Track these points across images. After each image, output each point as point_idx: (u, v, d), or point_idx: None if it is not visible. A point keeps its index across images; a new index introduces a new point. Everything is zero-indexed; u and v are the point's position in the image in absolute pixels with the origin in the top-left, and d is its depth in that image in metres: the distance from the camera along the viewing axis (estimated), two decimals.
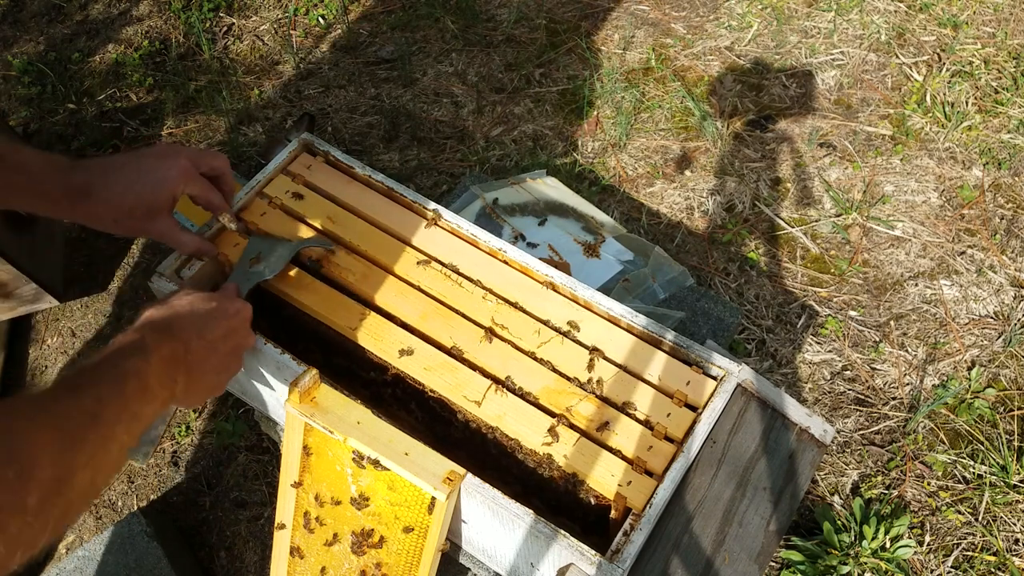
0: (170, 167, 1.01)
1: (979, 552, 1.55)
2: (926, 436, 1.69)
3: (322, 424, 0.97)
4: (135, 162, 1.00)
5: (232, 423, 1.73)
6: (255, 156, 2.14)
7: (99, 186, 0.97)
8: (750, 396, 1.21)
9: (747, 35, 2.36)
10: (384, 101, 2.26)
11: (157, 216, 1.02)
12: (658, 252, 1.71)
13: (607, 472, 0.98)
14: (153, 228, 1.04)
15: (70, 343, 1.90)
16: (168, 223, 1.04)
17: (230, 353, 0.94)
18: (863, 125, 2.17)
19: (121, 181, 0.99)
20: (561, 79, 2.28)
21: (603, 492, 0.99)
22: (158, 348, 0.83)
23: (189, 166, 1.04)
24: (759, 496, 1.14)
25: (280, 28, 2.46)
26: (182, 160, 1.03)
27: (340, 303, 1.12)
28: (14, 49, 2.44)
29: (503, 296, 1.14)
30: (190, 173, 1.04)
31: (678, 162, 2.11)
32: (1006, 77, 2.23)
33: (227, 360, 0.94)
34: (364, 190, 1.25)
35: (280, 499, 1.08)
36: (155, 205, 1.01)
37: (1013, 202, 2.01)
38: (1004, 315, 1.84)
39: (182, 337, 0.87)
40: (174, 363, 0.85)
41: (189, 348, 0.87)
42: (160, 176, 1.01)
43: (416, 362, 1.07)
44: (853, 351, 1.80)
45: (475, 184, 1.81)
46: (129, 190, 0.99)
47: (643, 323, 1.10)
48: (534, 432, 1.01)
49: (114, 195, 0.98)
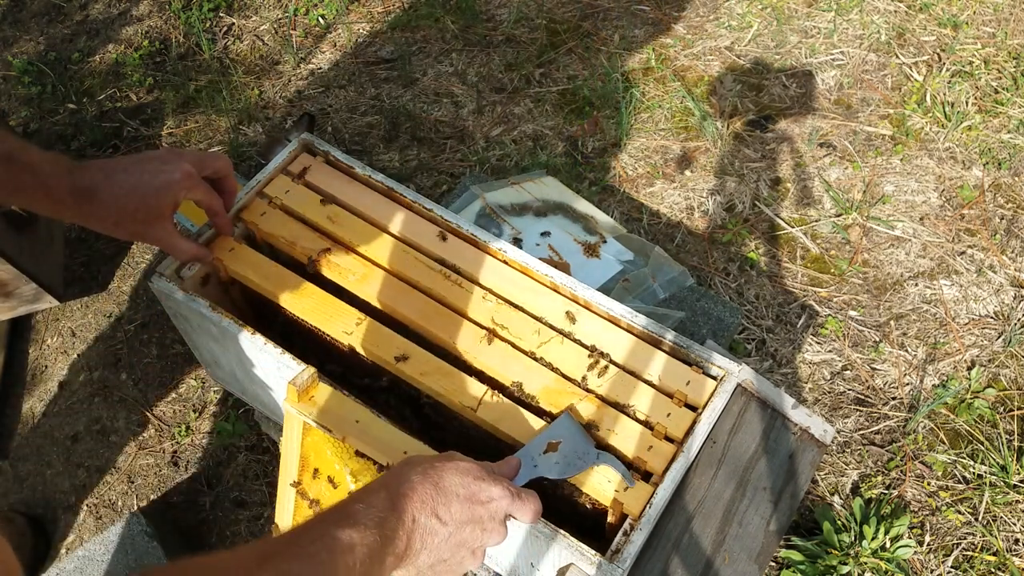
0: (173, 172, 1.02)
1: (979, 552, 1.55)
2: (926, 436, 1.69)
3: (321, 423, 0.97)
4: (139, 165, 1.01)
5: (232, 423, 1.73)
6: (255, 156, 2.14)
7: (103, 188, 0.98)
8: (750, 396, 1.21)
9: (747, 35, 2.36)
10: (384, 101, 2.26)
11: (157, 221, 1.02)
12: (658, 252, 1.71)
13: (603, 478, 0.98)
14: (152, 233, 1.04)
15: (70, 343, 1.90)
16: (167, 229, 1.05)
17: (463, 547, 0.80)
18: (863, 125, 2.16)
19: (125, 184, 0.99)
20: (561, 79, 2.28)
21: (599, 498, 0.99)
22: (383, 525, 0.74)
23: (193, 172, 1.04)
24: (759, 496, 1.14)
25: (280, 28, 2.46)
26: (185, 165, 1.03)
27: (336, 309, 1.12)
28: (14, 49, 2.44)
29: (503, 296, 1.14)
30: (193, 179, 1.04)
31: (678, 162, 2.11)
32: (1006, 77, 2.23)
33: (459, 556, 0.80)
34: (364, 190, 1.25)
35: (279, 499, 1.08)
36: (157, 210, 1.01)
37: (1013, 202, 2.01)
38: (1004, 315, 1.84)
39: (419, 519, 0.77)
40: (392, 545, 0.74)
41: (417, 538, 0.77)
42: (164, 181, 1.01)
43: (412, 367, 1.07)
44: (853, 351, 1.80)
45: (475, 184, 1.81)
46: (133, 193, 0.99)
47: (643, 323, 1.10)
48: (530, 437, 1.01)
49: (118, 197, 0.98)
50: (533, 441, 0.97)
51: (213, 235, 1.18)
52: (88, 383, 1.84)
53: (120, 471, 1.73)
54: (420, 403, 1.09)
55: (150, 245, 1.50)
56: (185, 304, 1.13)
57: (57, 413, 1.81)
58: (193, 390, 1.81)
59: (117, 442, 1.76)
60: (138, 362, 1.86)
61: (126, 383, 1.83)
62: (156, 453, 1.74)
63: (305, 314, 1.12)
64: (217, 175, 1.10)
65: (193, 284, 1.18)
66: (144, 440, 1.76)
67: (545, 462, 0.94)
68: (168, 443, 1.75)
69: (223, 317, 1.11)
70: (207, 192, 1.08)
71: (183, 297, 1.13)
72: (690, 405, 1.05)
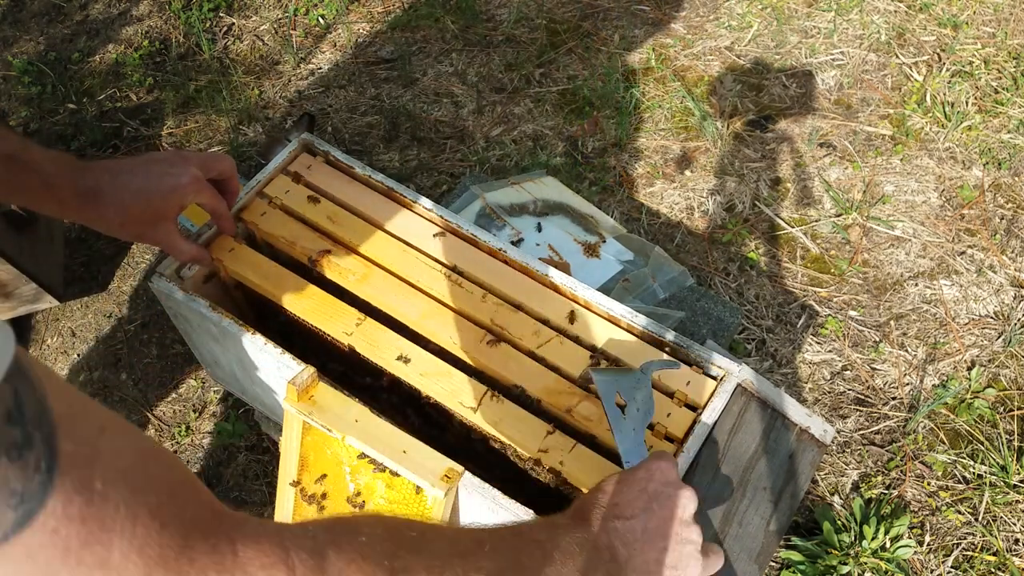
0: (181, 176, 1.01)
1: (979, 552, 1.55)
2: (926, 436, 1.69)
3: (320, 422, 0.97)
4: (145, 167, 1.00)
5: (232, 423, 1.73)
6: (255, 156, 2.14)
7: (109, 190, 0.97)
8: (750, 396, 1.21)
9: (747, 35, 2.36)
10: (384, 101, 2.26)
11: (161, 223, 1.02)
12: (658, 252, 1.71)
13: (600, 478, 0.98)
14: (155, 235, 1.04)
15: (70, 343, 1.90)
16: (170, 230, 1.05)
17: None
18: (863, 125, 2.16)
19: (131, 186, 0.98)
20: (561, 79, 2.28)
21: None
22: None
23: (200, 176, 1.04)
24: (759, 496, 1.14)
25: (280, 28, 2.46)
26: (193, 169, 1.03)
27: (336, 310, 1.12)
28: (14, 49, 2.44)
29: (503, 296, 1.14)
30: (200, 183, 1.04)
31: (678, 162, 2.11)
32: (1006, 77, 2.23)
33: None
34: (364, 190, 1.25)
35: (279, 498, 1.08)
36: (163, 212, 1.01)
37: (1013, 202, 2.01)
38: (1004, 315, 1.84)
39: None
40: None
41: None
42: (171, 184, 1.01)
43: (413, 368, 1.07)
44: (853, 351, 1.80)
45: (475, 184, 1.81)
46: (139, 196, 0.99)
47: (643, 323, 1.10)
48: (530, 438, 1.01)
49: (123, 200, 0.98)
50: (612, 420, 0.93)
51: (213, 235, 1.18)
52: (88, 383, 1.84)
53: None
54: (421, 402, 1.09)
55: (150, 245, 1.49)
56: (185, 304, 1.13)
57: None
58: (193, 390, 1.81)
59: None
60: (138, 362, 1.86)
61: (126, 383, 1.83)
62: None
63: (305, 314, 1.12)
64: (222, 176, 1.10)
65: (194, 284, 1.18)
66: None
67: (635, 417, 0.93)
68: (168, 443, 1.75)
69: (223, 317, 1.11)
70: (213, 196, 1.08)
71: (183, 297, 1.13)
72: (690, 405, 1.05)
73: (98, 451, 0.46)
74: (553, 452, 1.00)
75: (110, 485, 0.45)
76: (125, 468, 0.47)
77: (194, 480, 0.54)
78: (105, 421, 0.48)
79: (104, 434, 0.47)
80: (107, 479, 0.45)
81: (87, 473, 0.44)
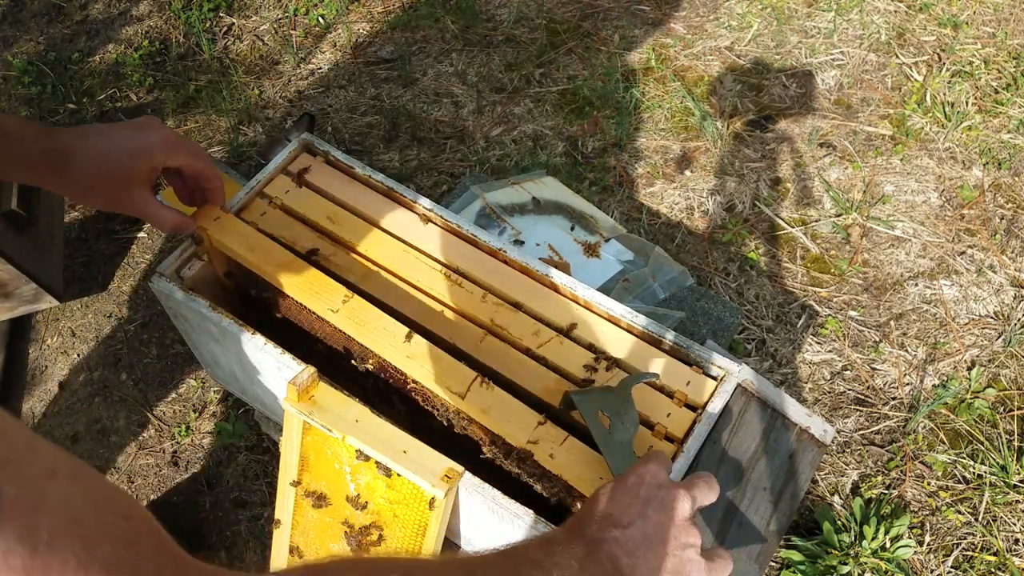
0: (150, 135, 0.98)
1: (979, 552, 1.55)
2: (926, 436, 1.69)
3: (320, 422, 0.97)
4: (115, 130, 0.97)
5: (232, 423, 1.73)
6: (255, 156, 2.14)
7: (77, 150, 0.94)
8: (750, 396, 1.21)
9: (747, 35, 2.36)
10: (384, 101, 2.26)
11: (134, 187, 0.98)
12: (658, 252, 1.71)
13: (596, 476, 0.97)
14: (129, 200, 0.99)
15: (70, 343, 1.90)
16: (145, 197, 1.00)
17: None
18: (863, 125, 2.16)
19: (99, 145, 0.95)
20: (561, 79, 2.28)
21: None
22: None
23: (172, 136, 1.00)
24: (759, 496, 1.14)
25: (280, 28, 2.46)
26: (165, 130, 1.00)
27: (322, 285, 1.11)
28: (14, 49, 2.44)
29: (503, 296, 1.14)
30: (172, 143, 1.00)
31: (678, 162, 2.11)
32: (1006, 77, 2.23)
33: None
34: (364, 190, 1.25)
35: (279, 498, 1.08)
36: (134, 173, 0.97)
37: (1013, 202, 2.01)
38: (1004, 315, 1.84)
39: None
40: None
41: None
42: (140, 144, 0.97)
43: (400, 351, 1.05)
44: (853, 351, 1.80)
45: (475, 184, 1.81)
46: (107, 156, 0.95)
47: (643, 323, 1.10)
48: (520, 429, 1.00)
49: (91, 159, 0.95)
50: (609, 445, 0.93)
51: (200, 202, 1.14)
52: (88, 383, 1.84)
53: (120, 471, 1.72)
54: (406, 389, 1.07)
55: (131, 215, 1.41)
56: (185, 304, 1.13)
57: (57, 413, 1.81)
58: (193, 390, 1.81)
59: (117, 442, 1.76)
60: (138, 362, 1.86)
61: (126, 383, 1.83)
62: (156, 453, 1.74)
63: (291, 289, 1.10)
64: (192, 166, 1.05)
65: (194, 283, 1.18)
66: (144, 440, 1.76)
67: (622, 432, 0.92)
68: (168, 443, 1.75)
69: (223, 317, 1.11)
70: (190, 155, 1.02)
71: (183, 297, 1.13)
72: (690, 405, 1.05)
73: (45, 497, 0.41)
74: (544, 443, 0.97)
75: (58, 535, 0.41)
76: (76, 516, 0.43)
77: (156, 528, 0.50)
78: (56, 464, 0.44)
79: (54, 479, 0.43)
80: (55, 528, 0.41)
81: (32, 521, 0.40)
